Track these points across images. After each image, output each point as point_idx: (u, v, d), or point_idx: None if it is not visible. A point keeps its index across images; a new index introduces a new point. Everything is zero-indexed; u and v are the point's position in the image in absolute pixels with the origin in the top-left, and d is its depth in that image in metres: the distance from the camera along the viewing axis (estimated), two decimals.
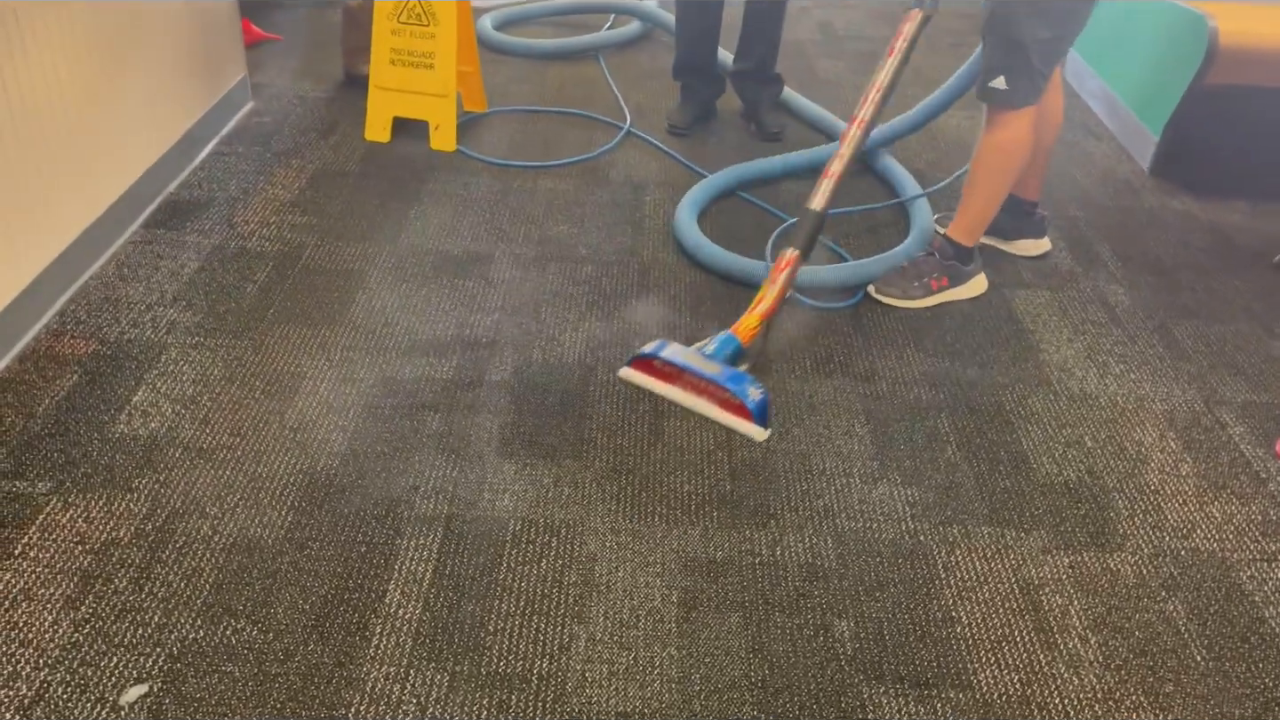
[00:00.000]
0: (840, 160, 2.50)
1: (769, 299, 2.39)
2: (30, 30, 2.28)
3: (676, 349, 2.31)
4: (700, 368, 2.25)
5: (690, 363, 2.26)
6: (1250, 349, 2.62)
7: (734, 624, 1.80)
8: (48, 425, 2.11)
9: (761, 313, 2.37)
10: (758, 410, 2.18)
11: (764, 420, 2.20)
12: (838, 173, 2.48)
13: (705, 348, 2.31)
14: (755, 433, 2.20)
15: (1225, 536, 2.05)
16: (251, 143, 3.30)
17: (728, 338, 2.32)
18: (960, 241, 2.69)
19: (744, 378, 2.24)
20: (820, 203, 2.47)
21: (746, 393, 2.19)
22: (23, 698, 1.59)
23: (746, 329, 2.35)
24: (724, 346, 2.30)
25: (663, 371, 2.31)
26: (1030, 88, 2.50)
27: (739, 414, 2.21)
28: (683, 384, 2.29)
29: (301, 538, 1.91)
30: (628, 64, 4.12)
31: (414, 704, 1.63)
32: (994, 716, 1.68)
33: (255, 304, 2.54)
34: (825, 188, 2.48)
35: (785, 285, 2.41)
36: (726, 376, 2.22)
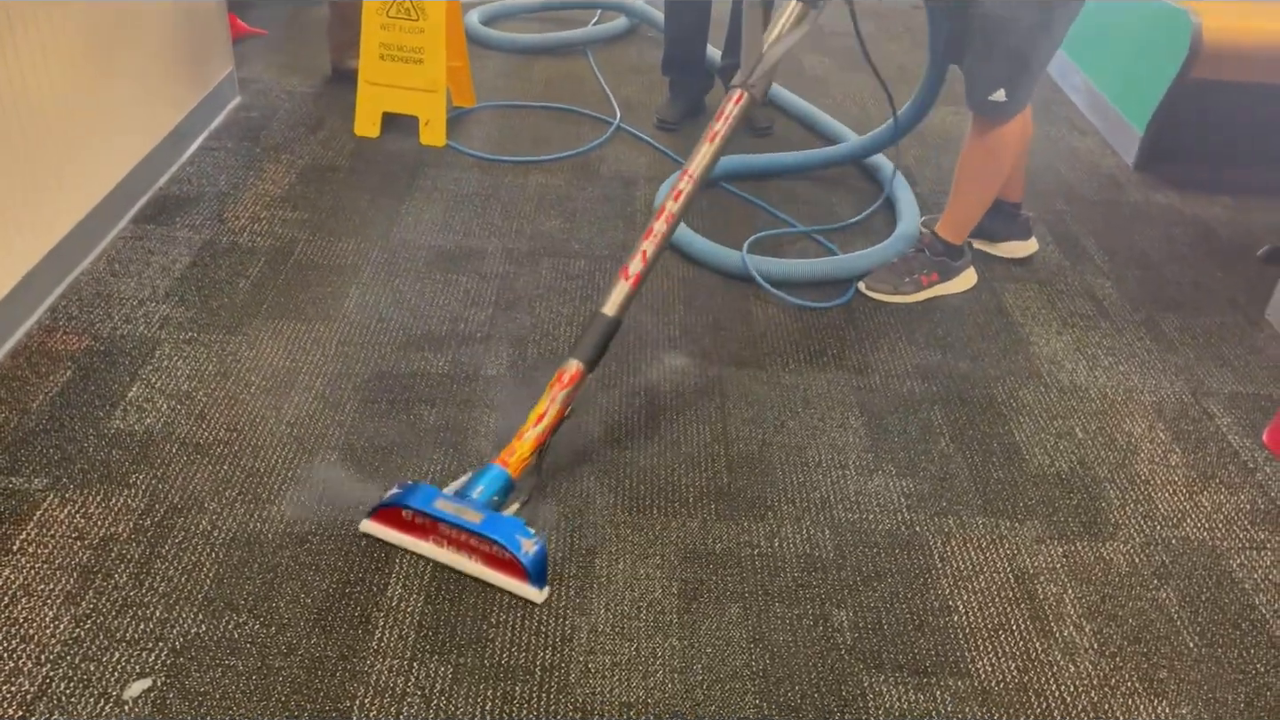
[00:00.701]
0: (643, 259, 2.14)
1: (545, 420, 2.00)
2: (18, 26, 2.26)
3: (430, 492, 1.89)
4: (458, 516, 1.83)
5: (445, 511, 1.84)
6: (1235, 340, 2.66)
7: (734, 615, 1.82)
8: (42, 421, 2.10)
9: (535, 438, 1.98)
10: (532, 566, 1.79)
11: (541, 579, 1.81)
12: (638, 274, 2.13)
13: (467, 488, 1.91)
14: (531, 594, 1.80)
15: (1215, 525, 2.08)
16: (240, 138, 3.29)
17: (495, 474, 1.92)
18: (949, 239, 2.71)
19: (513, 525, 1.83)
20: (614, 308, 2.11)
21: (518, 545, 1.79)
22: (25, 693, 1.59)
23: (518, 459, 1.95)
24: (490, 485, 1.90)
25: (412, 523, 1.88)
26: (1027, 93, 2.50)
27: (510, 571, 1.81)
28: (439, 537, 1.86)
29: (301, 532, 1.91)
30: (615, 59, 4.13)
31: (419, 696, 1.64)
32: (992, 704, 1.70)
33: (248, 299, 2.53)
34: (622, 291, 2.12)
35: (565, 405, 2.03)
36: (491, 526, 1.82)
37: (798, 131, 3.64)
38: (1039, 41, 2.42)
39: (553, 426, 2.02)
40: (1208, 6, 3.23)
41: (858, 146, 3.23)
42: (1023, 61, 2.43)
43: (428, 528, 1.86)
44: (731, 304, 2.66)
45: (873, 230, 3.04)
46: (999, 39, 2.41)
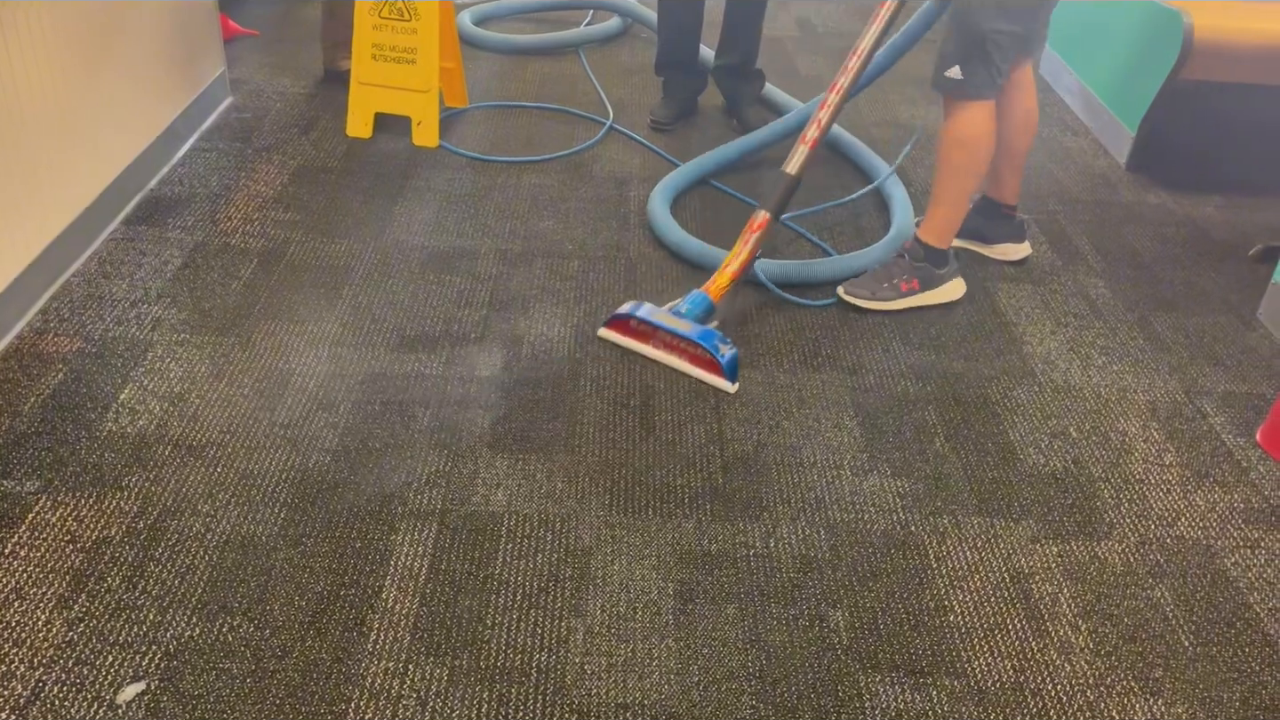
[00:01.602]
0: (818, 126, 2.53)
1: (740, 258, 2.48)
2: (8, 27, 2.25)
3: (650, 308, 2.41)
4: (673, 325, 2.35)
5: (664, 321, 2.36)
6: (1228, 340, 2.67)
7: (730, 615, 1.81)
8: (34, 424, 2.09)
9: (733, 272, 2.47)
10: (728, 365, 2.29)
11: (734, 375, 2.31)
12: (814, 139, 2.52)
13: (678, 306, 2.41)
14: (725, 386, 2.31)
15: (1209, 524, 2.09)
16: (232, 139, 3.28)
17: (700, 296, 2.42)
18: (931, 243, 2.66)
19: (714, 335, 2.33)
20: (795, 167, 2.52)
21: (717, 349, 2.30)
22: (18, 697, 1.58)
23: (718, 288, 2.44)
24: (695, 305, 2.40)
25: (638, 330, 2.41)
26: (986, 79, 2.48)
27: (710, 369, 2.32)
28: (656, 341, 2.39)
29: (295, 534, 1.90)
30: (608, 60, 4.12)
31: (414, 698, 1.63)
32: (988, 703, 1.70)
33: (241, 301, 2.52)
34: (801, 153, 2.52)
35: (755, 246, 2.49)
36: (699, 334, 2.32)
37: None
38: (992, 21, 2.41)
39: (747, 262, 2.50)
40: (1200, 7, 3.24)
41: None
42: (976, 40, 2.43)
43: (648, 334, 2.40)
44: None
45: (868, 230, 3.04)
46: (956, 15, 2.49)
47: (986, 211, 2.86)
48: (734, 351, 2.33)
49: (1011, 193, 2.85)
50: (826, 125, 2.54)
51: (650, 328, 2.39)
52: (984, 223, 2.86)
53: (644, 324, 2.40)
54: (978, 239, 2.91)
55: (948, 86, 2.52)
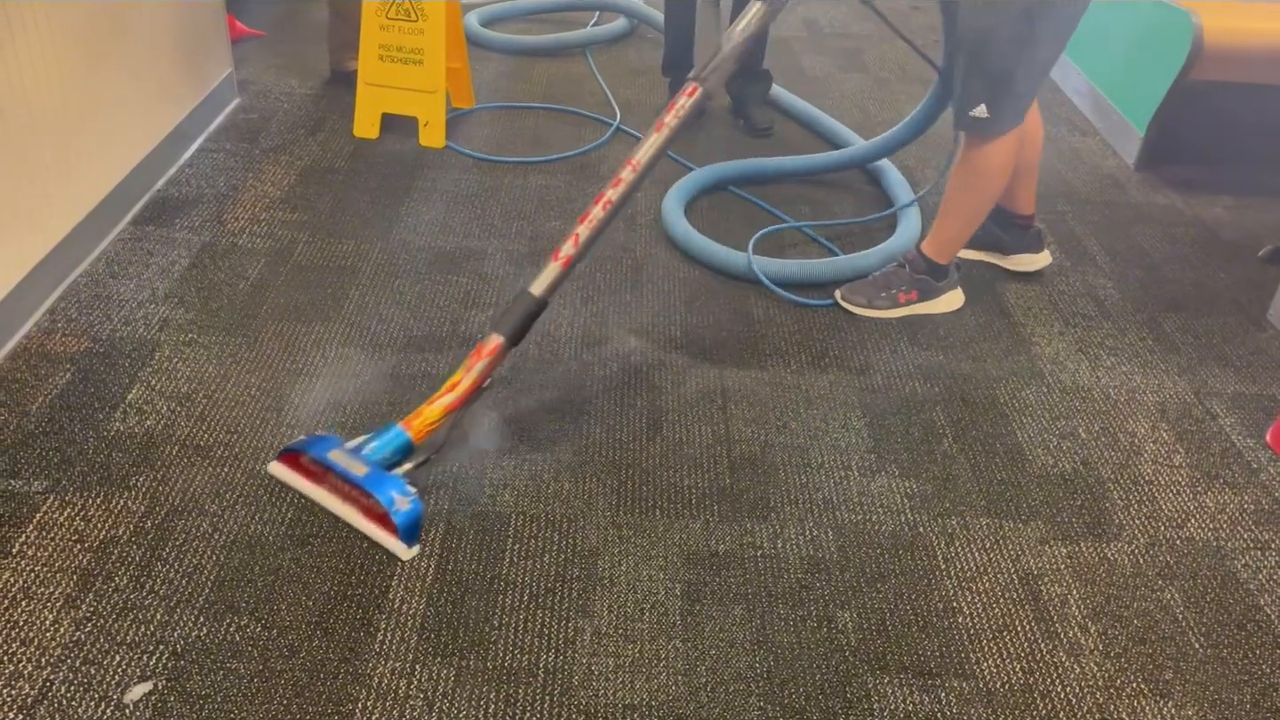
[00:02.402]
0: (574, 242, 2.17)
1: (459, 389, 2.04)
2: (16, 28, 2.26)
3: (327, 443, 1.96)
4: (346, 467, 1.89)
5: (336, 461, 1.91)
6: (1237, 341, 2.66)
7: (738, 616, 1.81)
8: (42, 423, 2.09)
9: (446, 405, 2.03)
10: (404, 523, 1.84)
11: (412, 536, 1.87)
12: (569, 256, 2.15)
13: (365, 444, 1.96)
14: (399, 550, 1.86)
15: (1219, 525, 2.08)
16: (239, 139, 3.28)
17: (395, 434, 1.97)
18: (933, 258, 2.63)
19: (393, 483, 1.87)
20: (541, 288, 2.14)
21: (391, 500, 1.84)
22: (25, 696, 1.58)
23: (423, 423, 1.99)
24: (386, 444, 1.95)
25: (309, 469, 1.98)
26: (1013, 112, 2.40)
27: (384, 525, 1.87)
28: (329, 485, 1.96)
29: (302, 534, 1.90)
30: (615, 60, 4.12)
31: (421, 699, 1.63)
32: (997, 705, 1.69)
33: (248, 301, 2.52)
34: (551, 271, 2.15)
35: (481, 375, 2.06)
36: (373, 480, 1.87)
37: (798, 133, 3.63)
38: (1020, 57, 2.31)
39: (466, 396, 2.05)
40: (1209, 7, 3.23)
41: (871, 148, 3.15)
42: (1003, 77, 2.33)
43: (321, 475, 1.96)
44: (732, 305, 2.65)
45: (874, 231, 3.04)
46: (978, 53, 2.35)
47: (1001, 222, 2.81)
48: (415, 506, 1.86)
49: (1025, 204, 2.79)
50: (585, 242, 2.17)
51: (322, 467, 1.94)
52: (1000, 234, 2.83)
53: (316, 462, 1.94)
54: (994, 250, 2.87)
55: (973, 126, 2.41)
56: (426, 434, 2.00)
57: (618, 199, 2.20)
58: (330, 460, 1.91)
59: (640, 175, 2.21)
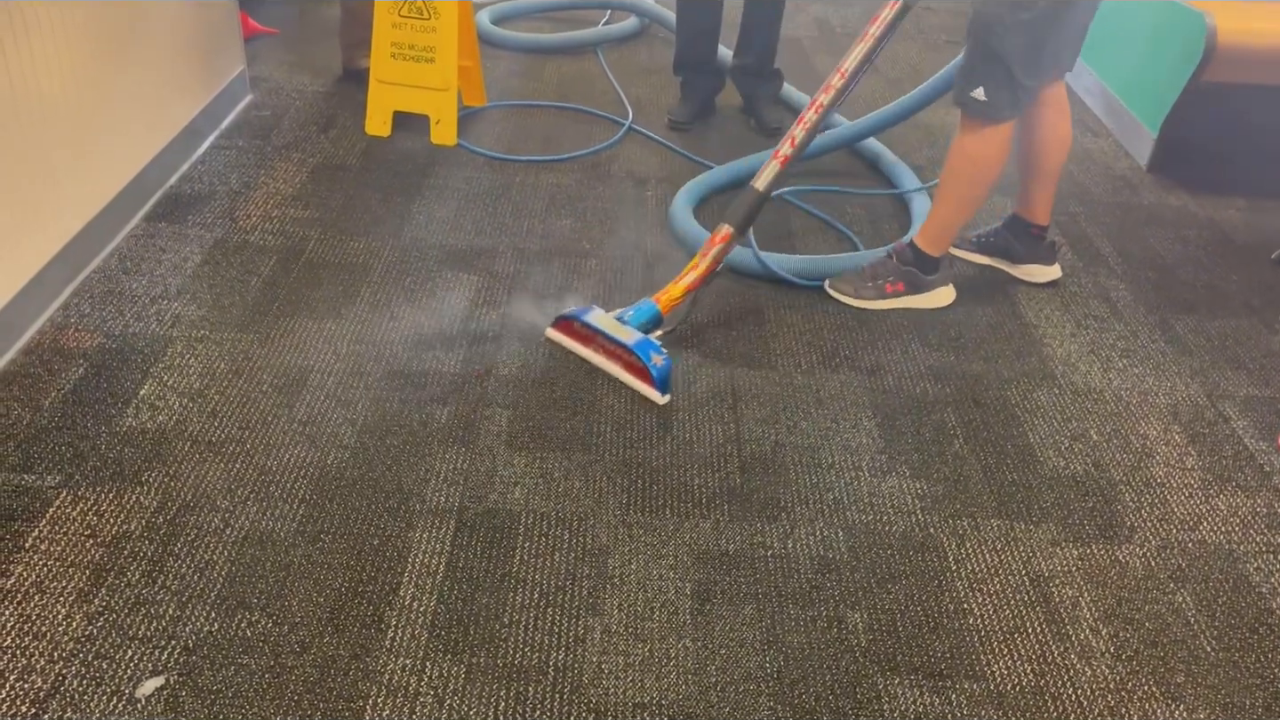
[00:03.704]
0: (791, 143, 2.49)
1: (697, 271, 2.44)
2: (30, 25, 2.26)
3: (599, 314, 2.37)
4: (613, 332, 2.30)
5: (603, 327, 2.32)
6: (1250, 344, 2.65)
7: (748, 616, 1.81)
8: (55, 419, 2.09)
9: (687, 285, 2.43)
10: (658, 375, 2.24)
11: (664, 386, 2.25)
12: (786, 155, 2.48)
13: (624, 313, 2.38)
14: (655, 397, 2.26)
15: (1231, 529, 2.07)
16: (251, 136, 3.29)
17: (647, 305, 2.39)
18: (924, 249, 2.63)
19: (650, 345, 2.28)
20: (763, 183, 2.47)
21: (650, 358, 2.25)
22: (38, 690, 1.59)
23: (669, 299, 2.41)
24: (641, 314, 2.37)
25: (580, 334, 2.37)
26: (1011, 100, 2.41)
27: (642, 378, 2.27)
28: (595, 346, 2.35)
29: (314, 531, 1.90)
30: (627, 59, 4.12)
31: (431, 695, 1.63)
32: (1008, 707, 1.69)
33: (260, 298, 2.53)
34: (771, 169, 2.48)
35: (715, 260, 2.46)
36: (635, 342, 2.27)
37: None
38: (1018, 47, 2.34)
39: (704, 276, 2.46)
40: (1223, 8, 3.21)
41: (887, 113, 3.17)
42: (1001, 63, 2.37)
43: (590, 338, 2.36)
44: (743, 304, 2.65)
45: (885, 229, 3.03)
46: (982, 36, 2.41)
47: (1015, 230, 2.80)
48: (667, 362, 2.26)
49: (1042, 213, 2.76)
50: (802, 143, 2.50)
51: (592, 332, 2.35)
52: (1012, 241, 2.81)
53: (586, 328, 2.35)
54: (1004, 257, 2.85)
55: (971, 107, 2.45)
56: (672, 307, 2.43)
57: (828, 102, 2.48)
58: (598, 325, 2.32)
59: (848, 81, 2.47)
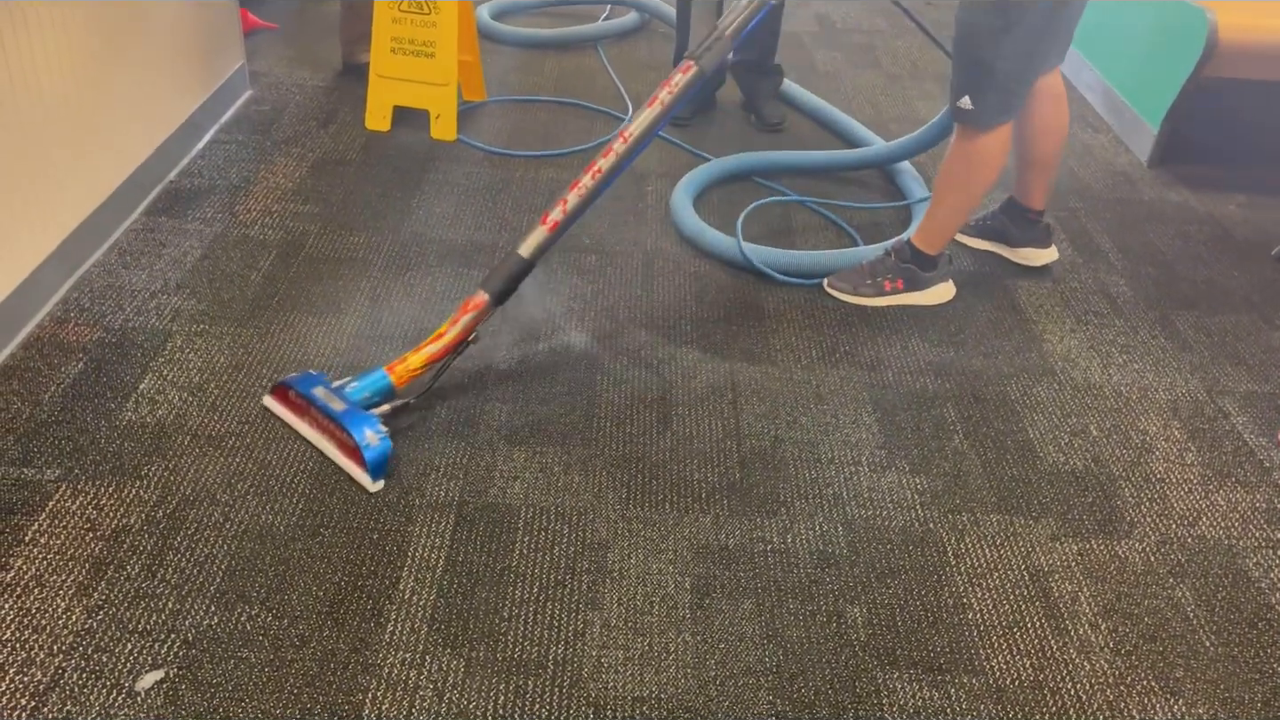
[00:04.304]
0: (563, 209, 2.23)
1: (443, 341, 2.17)
2: (30, 19, 2.26)
3: (313, 380, 2.11)
4: (325, 403, 2.03)
5: (319, 396, 2.05)
6: (1250, 340, 2.65)
7: (747, 610, 1.81)
8: (54, 412, 2.09)
9: (429, 355, 2.16)
10: (373, 459, 1.97)
11: (379, 471, 1.98)
12: (557, 221, 2.23)
13: (347, 383, 2.10)
14: (365, 482, 1.98)
15: (1231, 524, 2.07)
16: (251, 131, 3.28)
17: (377, 376, 2.11)
18: (921, 248, 2.63)
19: (366, 420, 2.00)
20: (529, 249, 2.22)
21: (363, 435, 1.97)
22: (38, 684, 1.59)
23: (405, 369, 2.13)
24: (367, 385, 2.09)
25: (295, 403, 2.11)
26: (1000, 105, 2.41)
27: (355, 459, 1.99)
28: (310, 419, 2.09)
29: (313, 525, 1.90)
30: (626, 55, 4.12)
31: (431, 689, 1.64)
32: (1007, 701, 1.69)
33: (259, 292, 2.53)
34: (538, 234, 2.23)
35: (465, 330, 2.18)
36: (348, 416, 2.00)
37: (809, 128, 3.63)
38: (997, 52, 2.33)
39: (450, 347, 2.19)
40: (1224, 4, 3.21)
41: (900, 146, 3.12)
42: (984, 69, 2.36)
43: (304, 409, 2.10)
44: (743, 299, 2.65)
45: (886, 225, 3.03)
46: (963, 45, 2.41)
47: (1011, 214, 2.82)
48: (384, 444, 1.98)
49: (1038, 198, 2.78)
50: (573, 209, 2.24)
51: (306, 401, 2.07)
52: (1008, 225, 2.83)
53: (302, 397, 2.08)
54: (1001, 241, 2.87)
55: (961, 117, 2.45)
56: (408, 380, 2.15)
57: (608, 169, 2.27)
58: (314, 395, 2.06)
59: (631, 147, 2.27)
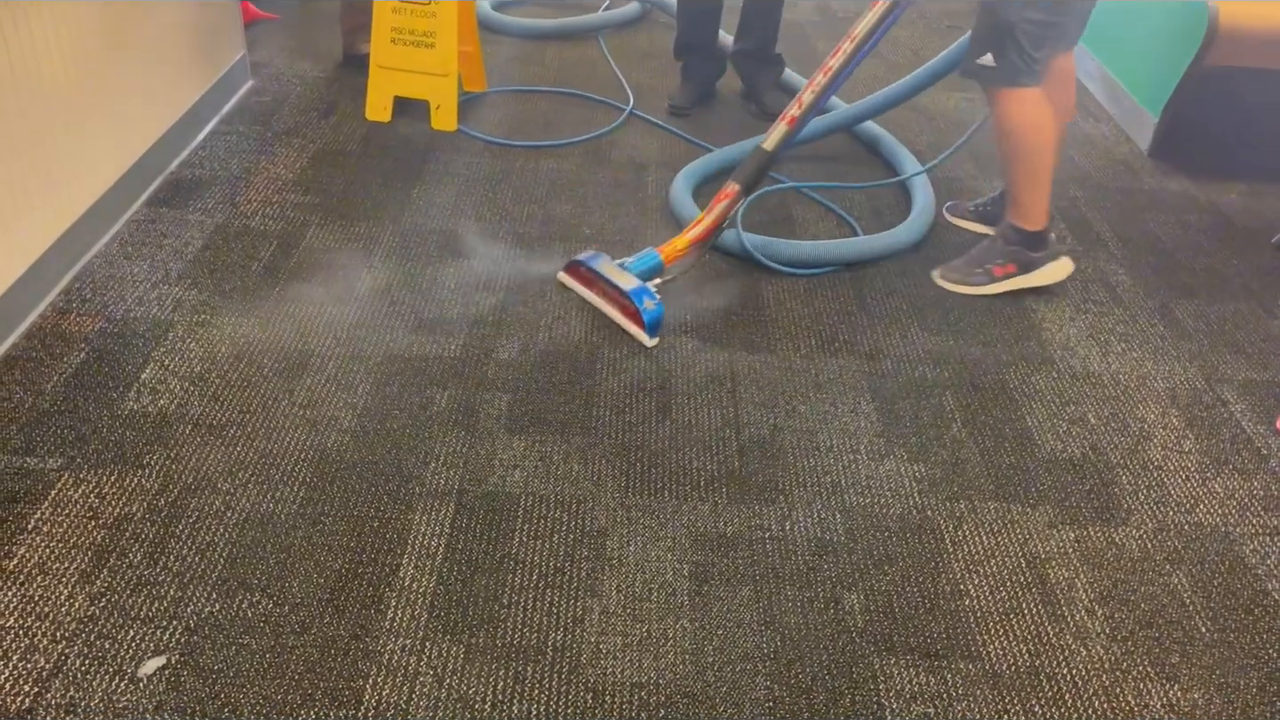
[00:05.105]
0: (799, 106, 2.53)
1: (703, 225, 2.54)
2: (30, 9, 2.27)
3: (605, 260, 2.50)
4: (612, 276, 2.44)
5: (606, 271, 2.46)
6: (1250, 328, 2.65)
7: (745, 597, 1.82)
8: (57, 402, 2.11)
9: (692, 238, 2.53)
10: (649, 319, 2.37)
11: (653, 330, 2.38)
12: (794, 117, 2.52)
13: (627, 261, 2.49)
14: (643, 338, 2.39)
15: (1228, 511, 2.08)
16: (252, 122, 3.29)
17: (649, 254, 2.50)
18: (1021, 225, 2.62)
19: (645, 291, 2.40)
20: (771, 143, 2.53)
21: (642, 302, 2.38)
22: (41, 670, 1.60)
23: (673, 249, 2.52)
24: (642, 262, 2.49)
25: (585, 277, 2.53)
26: (1021, 66, 2.42)
27: (634, 320, 2.40)
28: (597, 289, 2.51)
29: (314, 513, 1.91)
30: (627, 45, 4.12)
31: (431, 675, 1.65)
32: (1003, 687, 1.70)
33: (261, 282, 2.54)
34: (780, 130, 2.53)
35: (721, 215, 2.53)
36: (630, 287, 2.39)
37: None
38: (1021, 10, 2.35)
39: (710, 230, 2.55)
40: None
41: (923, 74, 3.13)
42: (1004, 28, 2.38)
43: (592, 281, 2.52)
44: (741, 288, 2.65)
45: (885, 212, 3.03)
46: (992, 6, 2.41)
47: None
48: (659, 308, 2.38)
49: None
50: (809, 105, 2.53)
51: (594, 276, 2.49)
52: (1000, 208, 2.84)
53: (591, 272, 2.49)
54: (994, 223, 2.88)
55: (980, 74, 2.47)
56: (675, 258, 2.53)
57: (837, 67, 2.49)
58: (600, 270, 2.47)
59: (857, 46, 2.48)
